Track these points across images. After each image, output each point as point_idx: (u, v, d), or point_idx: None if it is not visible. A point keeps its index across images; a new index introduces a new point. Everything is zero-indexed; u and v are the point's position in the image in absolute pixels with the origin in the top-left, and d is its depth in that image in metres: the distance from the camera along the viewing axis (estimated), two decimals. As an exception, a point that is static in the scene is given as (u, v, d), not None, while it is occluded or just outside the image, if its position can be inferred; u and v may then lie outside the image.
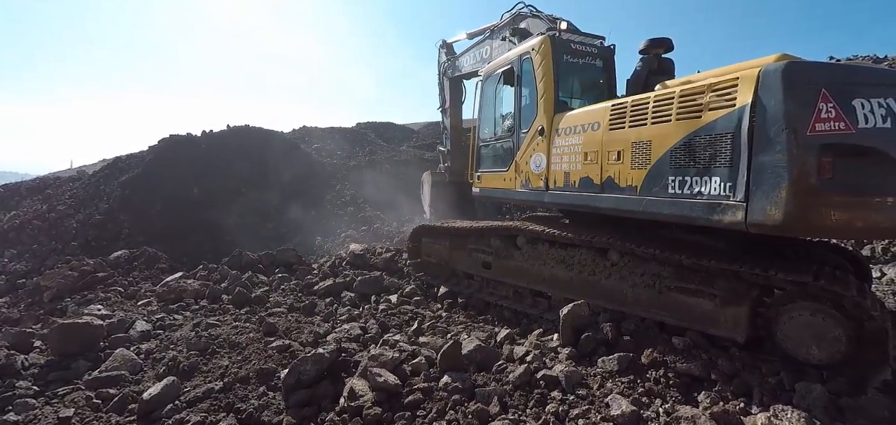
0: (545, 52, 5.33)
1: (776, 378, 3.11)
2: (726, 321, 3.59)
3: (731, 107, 3.23)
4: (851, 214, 2.92)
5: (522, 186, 5.68)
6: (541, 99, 5.32)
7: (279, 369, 4.10)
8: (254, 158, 13.71)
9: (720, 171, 3.30)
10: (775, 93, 2.95)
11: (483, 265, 5.94)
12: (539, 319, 4.94)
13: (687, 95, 3.58)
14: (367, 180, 15.18)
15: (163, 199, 11.60)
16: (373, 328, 5.12)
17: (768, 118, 2.98)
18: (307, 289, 6.92)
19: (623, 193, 4.13)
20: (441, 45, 10.29)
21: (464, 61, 9.22)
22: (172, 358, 4.39)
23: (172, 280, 6.95)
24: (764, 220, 3.01)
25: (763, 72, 3.06)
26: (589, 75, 5.88)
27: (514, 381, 3.47)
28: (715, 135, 3.33)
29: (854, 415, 2.69)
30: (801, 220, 2.93)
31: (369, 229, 11.33)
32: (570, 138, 4.82)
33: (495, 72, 6.41)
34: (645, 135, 3.90)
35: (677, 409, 2.96)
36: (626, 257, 4.32)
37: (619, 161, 4.14)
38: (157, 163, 13.07)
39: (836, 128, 2.87)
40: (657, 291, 4.06)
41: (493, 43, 7.79)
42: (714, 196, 3.35)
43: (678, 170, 3.61)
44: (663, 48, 5.10)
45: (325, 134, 21.11)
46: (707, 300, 3.71)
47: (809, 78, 2.96)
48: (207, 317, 5.60)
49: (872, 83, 3.01)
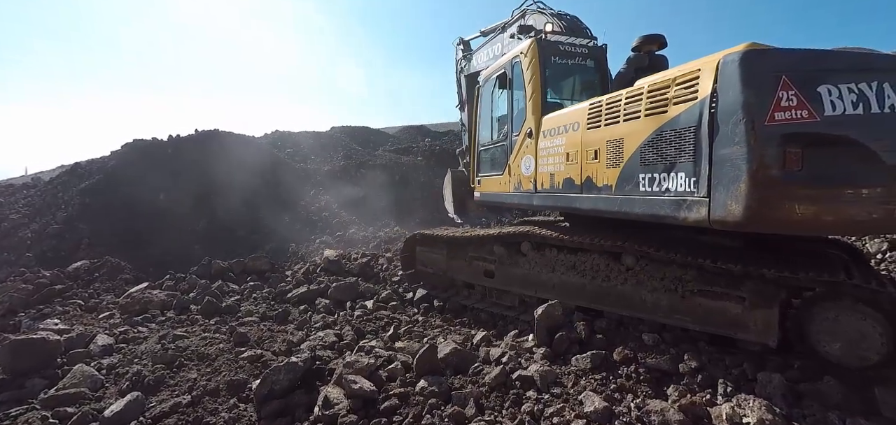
0: (532, 54, 5.36)
1: (739, 369, 3.23)
2: (756, 325, 3.44)
3: (693, 99, 3.16)
4: (820, 207, 2.74)
5: (515, 189, 5.66)
6: (529, 101, 5.33)
7: (251, 380, 3.99)
8: (224, 163, 13.33)
9: (685, 167, 3.22)
10: (733, 82, 2.85)
11: (485, 273, 5.73)
12: (515, 321, 4.99)
13: (654, 90, 3.53)
14: (341, 185, 15.01)
15: (126, 207, 11.14)
16: (348, 334, 5.05)
17: (726, 109, 2.89)
18: (280, 296, 6.78)
19: (600, 193, 4.10)
20: (458, 43, 10.24)
21: (479, 58, 9.20)
22: (136, 372, 4.21)
23: (137, 291, 6.68)
24: (725, 216, 2.91)
25: (722, 61, 2.96)
26: (580, 76, 5.89)
27: (490, 383, 3.49)
28: (679, 129, 3.26)
29: (811, 400, 2.82)
30: (763, 215, 2.80)
31: (344, 234, 11.19)
32: (555, 139, 4.83)
33: (491, 76, 6.42)
34: (618, 134, 3.87)
35: (648, 404, 3.03)
36: (642, 261, 4.15)
37: (596, 160, 4.12)
38: (121, 168, 12.56)
39: (798, 116, 2.71)
40: (680, 296, 3.88)
41: (503, 40, 7.76)
42: (680, 192, 3.27)
43: (647, 167, 3.56)
44: (656, 45, 5.03)
45: (299, 138, 20.78)
46: (734, 303, 3.56)
47: (769, 65, 2.81)
48: (174, 329, 5.41)
49: (841, 68, 2.80)
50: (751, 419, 2.69)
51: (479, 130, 6.89)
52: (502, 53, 7.58)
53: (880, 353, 2.98)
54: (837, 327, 3.14)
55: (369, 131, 26.60)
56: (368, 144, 22.38)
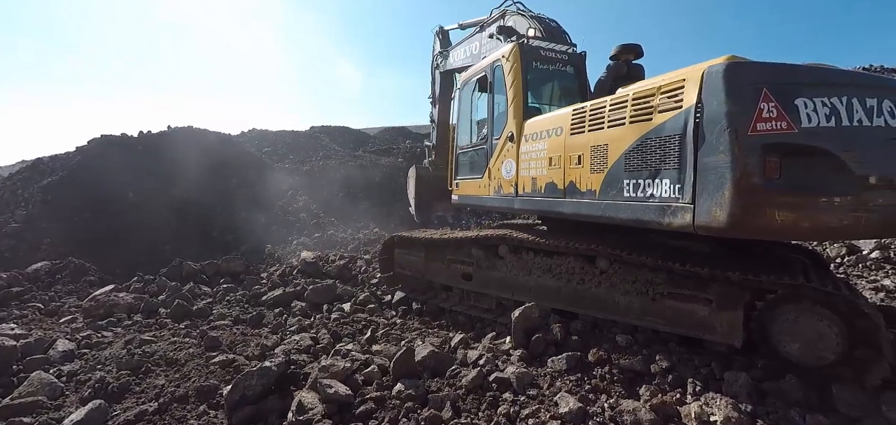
0: (514, 58, 5.40)
1: (707, 368, 3.33)
2: (722, 326, 3.55)
3: (678, 108, 3.25)
4: (798, 215, 2.87)
5: (495, 193, 5.68)
6: (510, 105, 5.36)
7: (222, 385, 3.88)
8: (198, 162, 12.96)
9: (670, 174, 3.31)
10: (717, 93, 2.96)
11: (463, 276, 5.76)
12: (493, 323, 5.01)
13: (639, 98, 3.60)
14: (320, 185, 14.81)
15: (93, 206, 10.69)
16: (324, 338, 4.98)
17: (711, 119, 2.99)
18: (255, 299, 6.64)
19: (583, 197, 4.14)
20: (437, 32, 10.08)
21: (455, 55, 9.10)
22: (100, 379, 4.04)
23: (102, 294, 6.42)
24: (710, 222, 3.01)
25: (706, 72, 3.07)
26: (560, 82, 5.95)
27: (467, 385, 3.49)
28: (664, 137, 3.34)
29: (774, 398, 2.93)
30: (746, 221, 2.90)
31: (323, 236, 11.04)
32: (537, 143, 4.86)
33: (471, 79, 6.44)
34: (602, 139, 3.93)
35: (621, 404, 3.10)
36: (615, 264, 4.24)
37: (580, 165, 4.17)
38: (87, 165, 12.03)
39: (777, 127, 2.84)
40: (651, 298, 3.98)
41: (482, 39, 7.73)
42: (665, 198, 3.35)
43: (632, 172, 3.63)
44: (633, 54, 5.17)
45: (277, 137, 20.41)
46: (702, 305, 3.66)
47: (751, 77, 2.94)
48: (141, 333, 5.23)
49: (815, 82, 2.97)
50: (718, 417, 2.77)
51: (458, 133, 6.87)
52: (480, 52, 7.61)
53: (836, 353, 3.11)
54: (797, 328, 3.27)
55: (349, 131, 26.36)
56: (348, 145, 22.18)
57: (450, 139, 7.16)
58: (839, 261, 6.98)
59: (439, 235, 6.05)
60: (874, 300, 5.36)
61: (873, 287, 5.84)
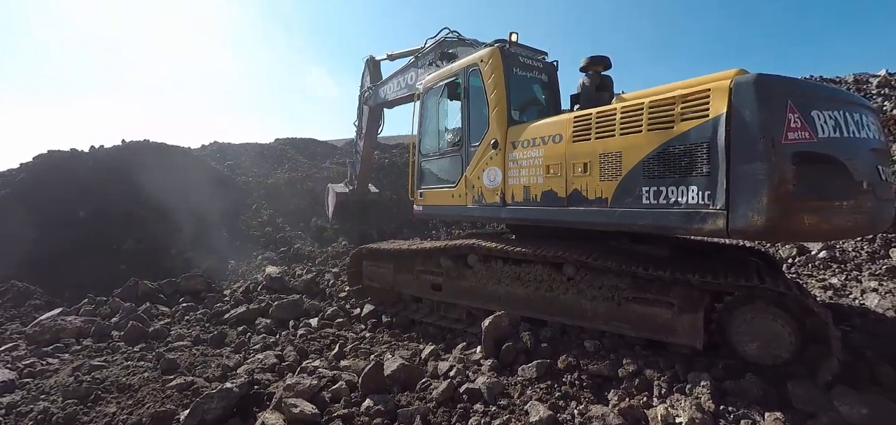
0: (495, 64, 5.24)
1: (671, 371, 3.41)
2: (684, 328, 3.64)
3: (704, 117, 3.28)
4: (819, 218, 3.05)
5: (475, 202, 5.48)
6: (493, 111, 5.19)
7: (179, 411, 3.66)
8: (155, 177, 12.38)
9: (697, 180, 3.33)
10: (750, 104, 3.06)
11: (432, 287, 5.67)
12: (463, 333, 4.98)
13: (657, 106, 3.60)
14: (285, 199, 14.45)
15: (39, 225, 10.02)
16: (290, 355, 4.81)
17: (745, 128, 3.07)
18: (216, 318, 6.35)
19: (592, 206, 4.08)
20: (367, 61, 10.04)
21: (388, 90, 8.98)
22: (43, 410, 3.74)
23: (47, 318, 5.98)
24: (747, 227, 3.08)
25: (736, 83, 3.16)
26: (535, 90, 5.77)
27: (438, 398, 3.44)
28: (689, 145, 3.36)
29: (734, 397, 3.02)
30: (781, 226, 3.01)
31: (289, 250, 10.74)
32: (529, 151, 4.72)
33: (437, 84, 6.16)
34: (613, 147, 3.89)
35: (590, 409, 3.12)
36: (582, 270, 4.28)
37: (586, 173, 4.10)
38: (32, 182, 11.29)
39: (802, 137, 3.02)
40: (616, 304, 4.04)
41: (418, 70, 7.65)
42: (692, 205, 3.36)
43: (652, 180, 3.61)
44: (602, 66, 5.17)
45: (240, 150, 19.78)
46: (665, 309, 3.75)
47: (778, 89, 3.10)
48: (91, 359, 4.90)
49: (823, 97, 3.25)
50: (683, 418, 2.83)
51: (422, 141, 6.56)
52: (416, 83, 7.52)
53: (790, 351, 3.26)
54: (753, 328, 3.41)
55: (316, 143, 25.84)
56: (315, 157, 21.74)
57: (411, 150, 6.82)
58: (790, 261, 7.36)
59: (407, 246, 5.98)
60: (823, 298, 5.67)
61: (822, 286, 6.18)
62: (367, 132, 10.16)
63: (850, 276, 6.41)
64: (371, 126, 10.08)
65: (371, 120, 10.00)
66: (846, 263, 6.87)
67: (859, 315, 4.81)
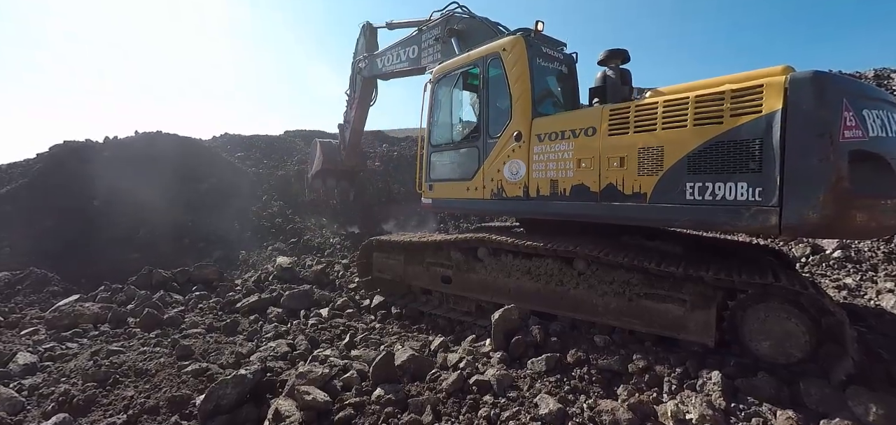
0: (520, 53, 5.05)
1: (682, 367, 3.40)
2: (696, 325, 3.62)
3: (756, 113, 3.22)
4: (869, 215, 3.05)
5: (494, 196, 5.28)
6: (516, 102, 5.00)
7: (195, 395, 3.76)
8: (167, 167, 12.56)
9: (748, 177, 3.26)
10: (807, 101, 3.02)
11: (442, 279, 5.63)
12: (473, 326, 5.01)
13: (704, 101, 3.51)
14: (296, 190, 14.55)
15: (56, 214, 10.24)
16: (302, 344, 4.89)
17: (803, 125, 3.02)
18: (229, 306, 6.46)
19: (628, 201, 3.98)
20: (363, 28, 9.59)
21: (383, 61, 8.57)
22: (64, 392, 3.85)
23: (66, 304, 6.14)
24: (800, 224, 3.04)
25: (792, 79, 3.11)
26: (557, 81, 5.57)
27: (448, 389, 3.48)
28: (740, 140, 3.29)
29: (746, 394, 3.01)
30: (835, 223, 3.00)
31: (299, 241, 10.85)
32: (557, 144, 4.56)
33: (451, 72, 5.90)
34: (654, 141, 3.79)
35: (599, 404, 3.13)
36: (593, 266, 4.23)
37: (622, 167, 4.01)
38: (49, 172, 11.54)
39: (856, 135, 3.01)
40: (627, 299, 4.00)
41: (422, 43, 7.29)
42: (741, 201, 3.30)
43: (697, 175, 3.53)
44: (620, 59, 5.02)
45: (251, 141, 19.94)
46: (676, 305, 3.73)
47: (835, 87, 3.06)
48: (109, 344, 5.02)
49: (870, 96, 3.25)
50: (693, 415, 2.83)
51: (432, 131, 6.25)
52: (420, 57, 7.22)
53: (804, 350, 3.23)
54: (767, 326, 3.38)
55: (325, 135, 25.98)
56: (325, 149, 21.85)
57: (419, 142, 6.52)
58: (804, 260, 7.27)
59: (418, 238, 6.00)
60: (838, 298, 5.61)
61: (836, 285, 6.10)
62: (358, 103, 9.76)
63: (866, 277, 6.31)
64: (364, 96, 9.68)
65: (364, 90, 9.60)
66: (862, 263, 6.77)
67: (875, 316, 4.75)
